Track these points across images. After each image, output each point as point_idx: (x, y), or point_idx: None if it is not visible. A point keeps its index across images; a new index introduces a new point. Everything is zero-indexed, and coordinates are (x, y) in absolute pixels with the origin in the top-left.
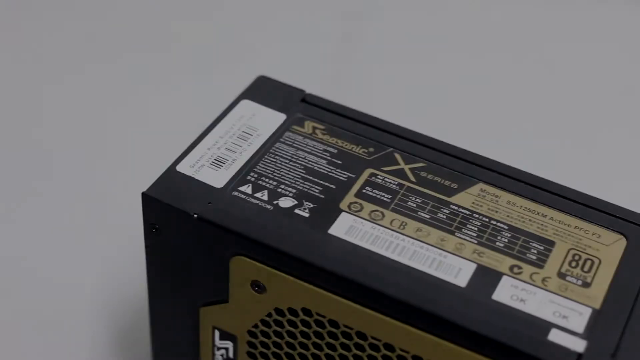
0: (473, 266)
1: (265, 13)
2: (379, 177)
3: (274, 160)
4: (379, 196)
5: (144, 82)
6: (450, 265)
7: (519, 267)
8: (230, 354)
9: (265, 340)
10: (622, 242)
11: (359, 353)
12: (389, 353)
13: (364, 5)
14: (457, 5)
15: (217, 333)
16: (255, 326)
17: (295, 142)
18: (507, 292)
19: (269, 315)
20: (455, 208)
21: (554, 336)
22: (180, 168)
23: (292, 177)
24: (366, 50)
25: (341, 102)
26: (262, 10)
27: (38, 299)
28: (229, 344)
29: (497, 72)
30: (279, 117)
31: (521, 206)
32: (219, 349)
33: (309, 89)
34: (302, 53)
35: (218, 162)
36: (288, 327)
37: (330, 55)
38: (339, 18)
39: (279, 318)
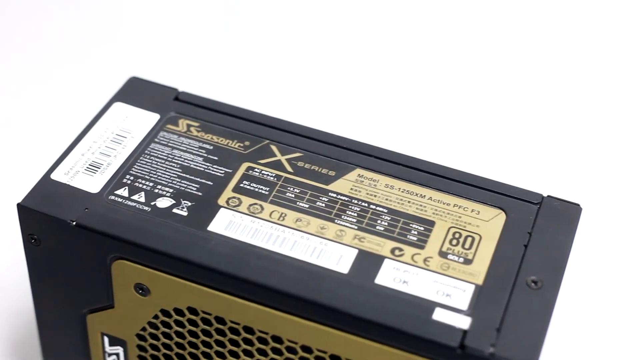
0: (354, 252)
1: (132, 12)
2: (255, 170)
3: (150, 161)
4: (256, 189)
5: (9, 89)
6: (332, 252)
7: (400, 250)
8: (122, 359)
9: (154, 342)
10: (502, 217)
11: (248, 347)
12: (277, 345)
13: None
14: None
15: (106, 339)
16: (144, 329)
17: (170, 141)
18: (389, 275)
19: (156, 317)
20: (334, 195)
21: (438, 315)
22: (54, 176)
23: (168, 177)
24: (240, 45)
25: (218, 98)
26: (128, 10)
27: None
28: (119, 349)
29: (369, 58)
30: (153, 118)
31: (399, 188)
32: (109, 355)
33: (185, 87)
34: (174, 50)
35: (93, 168)
36: (176, 328)
37: (204, 51)
38: (210, 13)
39: (166, 319)
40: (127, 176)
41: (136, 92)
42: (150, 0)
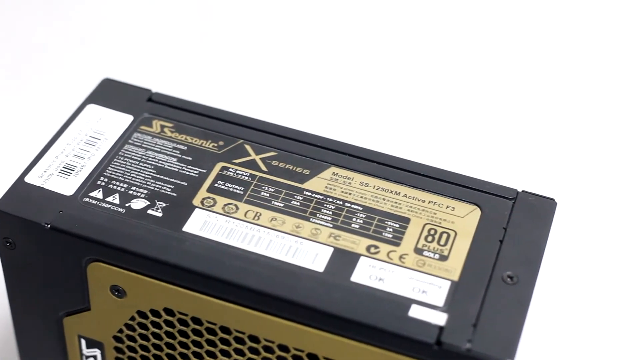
0: (330, 250)
1: (104, 14)
2: (230, 170)
3: (124, 162)
4: (231, 189)
5: None
6: (307, 251)
7: (376, 247)
8: None
9: (131, 344)
10: (477, 212)
11: (225, 347)
12: (254, 345)
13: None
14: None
15: (83, 342)
16: (120, 331)
17: (144, 142)
18: (365, 273)
19: (132, 318)
20: (309, 194)
21: (415, 312)
22: (28, 179)
23: (143, 178)
24: (212, 45)
25: (191, 98)
26: (101, 12)
27: None
28: (96, 352)
29: (340, 55)
30: (126, 119)
31: (374, 186)
32: (87, 357)
33: (158, 88)
34: (147, 52)
35: (67, 170)
36: (152, 329)
37: (177, 52)
38: (182, 14)
39: (143, 320)
40: (101, 178)
41: (109, 93)
42: (122, 2)
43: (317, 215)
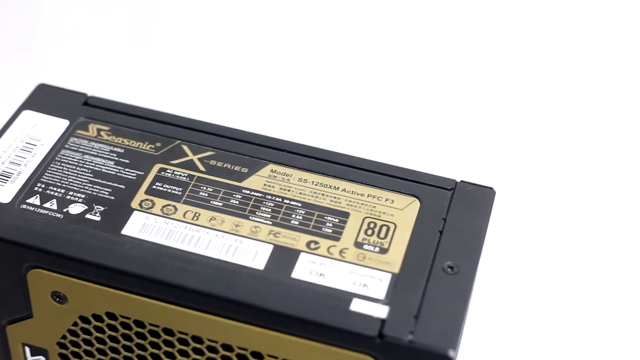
0: (270, 247)
1: (37, 19)
2: (168, 171)
3: (61, 167)
4: (169, 190)
5: None
6: (247, 249)
7: (316, 243)
8: None
9: (76, 350)
10: (416, 204)
11: (169, 349)
12: (198, 345)
13: (146, 2)
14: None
15: (27, 349)
16: (64, 337)
17: (81, 146)
18: (306, 269)
19: (75, 324)
20: (248, 192)
21: (356, 306)
22: None
23: (80, 183)
24: (148, 48)
25: (127, 101)
26: (34, 17)
27: None
28: (41, 359)
29: (271, 51)
30: (62, 124)
31: (313, 182)
32: None
33: (94, 91)
34: (84, 55)
35: (3, 177)
36: (96, 334)
37: (113, 54)
38: (116, 17)
39: (85, 326)
40: (38, 184)
41: (45, 99)
42: (55, 7)
43: (257, 213)
